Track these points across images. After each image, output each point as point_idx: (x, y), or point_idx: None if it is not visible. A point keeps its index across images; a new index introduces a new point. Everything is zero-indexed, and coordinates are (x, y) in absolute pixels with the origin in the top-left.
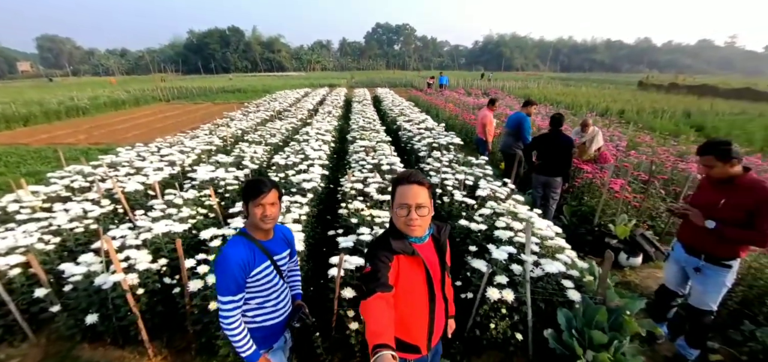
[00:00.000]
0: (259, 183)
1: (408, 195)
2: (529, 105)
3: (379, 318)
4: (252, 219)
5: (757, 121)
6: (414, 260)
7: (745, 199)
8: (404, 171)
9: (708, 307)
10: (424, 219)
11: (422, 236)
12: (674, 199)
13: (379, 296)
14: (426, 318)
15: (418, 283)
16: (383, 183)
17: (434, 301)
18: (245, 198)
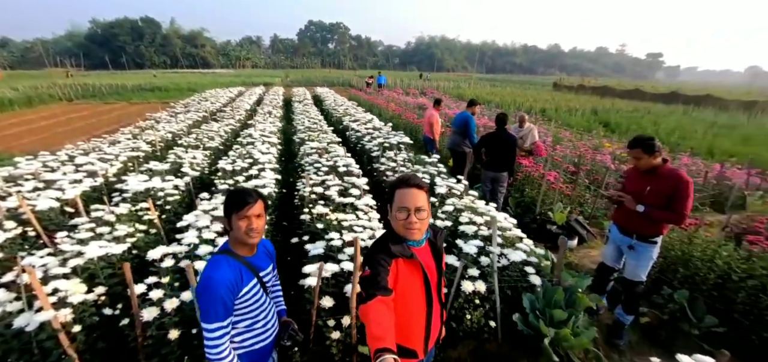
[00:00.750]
0: (243, 193)
1: (407, 198)
2: (474, 105)
3: (380, 322)
4: (236, 234)
5: (647, 117)
6: (412, 264)
7: (665, 186)
8: (403, 174)
9: (640, 278)
10: (423, 222)
11: (421, 239)
12: (597, 188)
13: (380, 300)
14: (423, 322)
15: (416, 287)
16: (343, 185)
17: (431, 305)
18: (227, 211)
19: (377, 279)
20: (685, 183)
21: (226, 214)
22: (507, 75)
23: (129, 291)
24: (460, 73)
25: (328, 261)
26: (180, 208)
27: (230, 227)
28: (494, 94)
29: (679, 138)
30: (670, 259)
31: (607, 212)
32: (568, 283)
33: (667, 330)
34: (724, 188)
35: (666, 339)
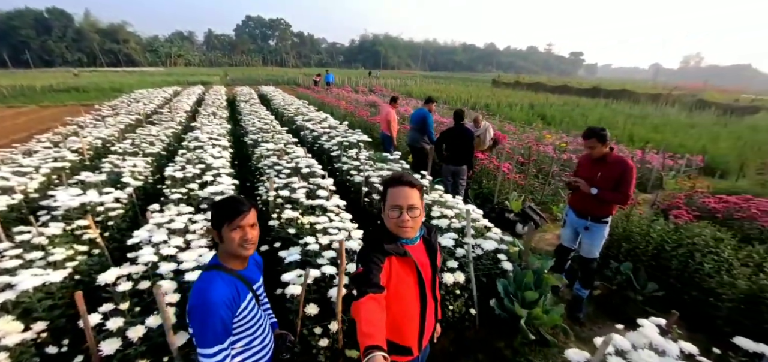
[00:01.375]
0: (235, 202)
1: (400, 196)
2: (431, 102)
3: (371, 320)
4: (228, 247)
5: (576, 110)
6: (405, 261)
7: (614, 171)
8: (396, 172)
9: (594, 256)
10: (415, 220)
11: (414, 237)
12: (545, 176)
13: (371, 297)
14: (417, 319)
15: (410, 285)
16: (309, 187)
17: (425, 303)
18: (217, 222)
19: (369, 277)
20: (630, 168)
21: (215, 226)
22: (449, 72)
23: (81, 323)
24: (405, 71)
25: (307, 267)
26: (124, 224)
27: (221, 239)
28: (440, 90)
29: (606, 125)
30: (615, 236)
31: (554, 198)
32: (535, 266)
33: (616, 299)
34: (644, 170)
35: (617, 307)
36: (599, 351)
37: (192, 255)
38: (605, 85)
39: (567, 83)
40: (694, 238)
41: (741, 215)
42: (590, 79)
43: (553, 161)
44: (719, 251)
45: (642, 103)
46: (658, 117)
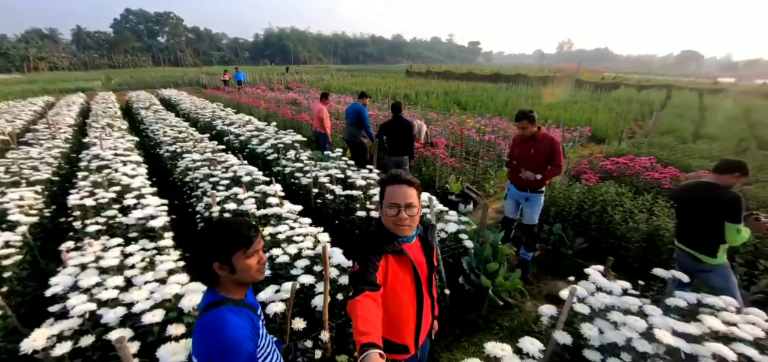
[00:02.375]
0: (244, 226)
1: (398, 195)
2: (364, 97)
3: (367, 317)
4: (243, 276)
5: (484, 94)
6: (402, 259)
7: (544, 147)
8: (393, 171)
9: (535, 222)
10: (413, 219)
11: (411, 235)
12: (474, 158)
13: (367, 295)
14: (413, 317)
15: (406, 283)
16: (256, 195)
17: (422, 301)
18: (228, 251)
19: (365, 275)
20: (557, 143)
21: (221, 257)
22: (362, 65)
23: None
24: (317, 66)
25: (281, 280)
26: (24, 272)
27: (232, 270)
28: (357, 83)
29: (511, 108)
30: (545, 203)
31: (485, 176)
32: (491, 240)
33: (552, 257)
34: None
35: (554, 263)
36: (567, 301)
37: (142, 294)
38: (504, 71)
39: (472, 70)
40: (603, 196)
41: (629, 172)
42: (488, 65)
43: (479, 143)
44: (623, 203)
45: (535, 85)
46: (550, 96)
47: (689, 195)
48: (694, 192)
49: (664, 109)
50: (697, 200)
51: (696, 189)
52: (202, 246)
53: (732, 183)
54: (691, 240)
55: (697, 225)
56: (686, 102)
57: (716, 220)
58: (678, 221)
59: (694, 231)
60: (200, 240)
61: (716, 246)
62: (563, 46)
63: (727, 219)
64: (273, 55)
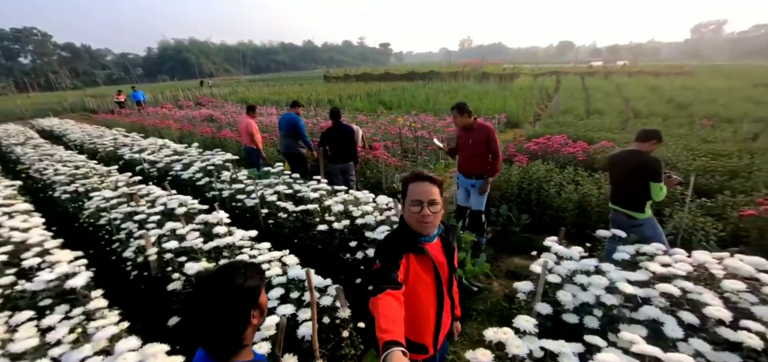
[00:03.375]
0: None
1: (421, 192)
2: (297, 106)
3: (389, 315)
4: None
5: (405, 93)
6: (423, 259)
7: (482, 135)
8: (416, 170)
9: (483, 208)
10: (436, 216)
11: (433, 233)
12: (413, 154)
13: (389, 293)
14: (433, 317)
15: (427, 283)
16: (198, 227)
17: (442, 301)
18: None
19: (387, 273)
20: (492, 130)
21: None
22: (275, 73)
23: None
24: (226, 77)
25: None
26: None
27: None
28: (275, 93)
29: (433, 104)
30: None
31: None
32: None
33: (503, 236)
34: None
35: (505, 241)
36: (541, 275)
37: None
38: (418, 70)
39: (388, 70)
40: (536, 174)
41: (550, 150)
42: (403, 65)
43: (415, 140)
44: (553, 178)
45: (448, 81)
46: (463, 89)
47: (619, 162)
48: (623, 160)
49: (557, 93)
50: (626, 166)
51: (624, 157)
52: (234, 298)
53: (651, 149)
54: (623, 201)
55: (628, 187)
56: (572, 85)
57: (643, 181)
58: (612, 186)
59: (626, 192)
60: (229, 293)
61: (644, 203)
62: (464, 42)
63: (652, 180)
64: (171, 70)
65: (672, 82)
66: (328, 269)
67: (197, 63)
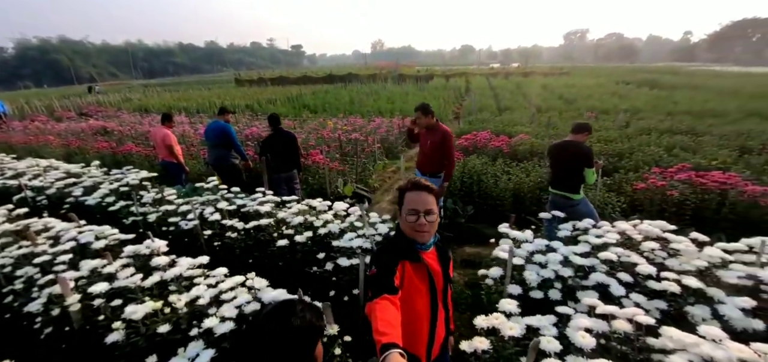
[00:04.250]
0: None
1: (417, 201)
2: (226, 113)
3: (386, 318)
4: None
5: (327, 95)
6: (419, 267)
7: (438, 137)
8: (412, 178)
9: (440, 205)
10: (432, 225)
11: (429, 243)
12: (352, 157)
13: (386, 297)
14: (426, 327)
15: (421, 291)
16: (129, 261)
17: (436, 310)
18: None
19: (383, 279)
20: (449, 133)
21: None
22: (175, 77)
23: None
24: (113, 82)
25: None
26: None
27: None
28: (180, 99)
29: (358, 106)
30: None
31: (364, 174)
32: None
33: (451, 228)
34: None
35: (454, 233)
36: (508, 261)
37: None
38: (336, 72)
39: (306, 73)
40: (474, 168)
41: (479, 145)
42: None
43: (354, 143)
44: (488, 170)
45: (367, 83)
46: (384, 91)
47: (559, 152)
48: (562, 150)
49: (469, 92)
50: (565, 155)
51: (563, 147)
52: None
53: (584, 139)
54: (562, 184)
55: (567, 172)
56: (480, 85)
57: (579, 167)
58: (552, 173)
59: (565, 177)
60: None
61: (579, 186)
62: (376, 45)
63: (586, 166)
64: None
65: (557, 81)
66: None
67: (72, 66)
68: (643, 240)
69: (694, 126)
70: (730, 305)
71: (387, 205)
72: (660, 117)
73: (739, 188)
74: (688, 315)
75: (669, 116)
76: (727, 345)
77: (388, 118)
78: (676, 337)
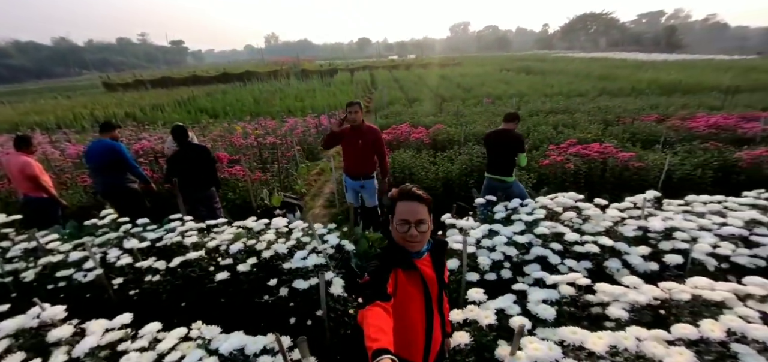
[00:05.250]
0: None
1: (408, 211)
2: (112, 129)
3: (376, 324)
4: None
5: (226, 96)
6: (412, 274)
7: (370, 137)
8: (404, 186)
9: (376, 203)
10: (423, 234)
11: (421, 250)
12: (272, 164)
13: (378, 304)
14: (422, 334)
15: (415, 298)
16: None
17: (432, 317)
18: None
19: (375, 285)
20: (380, 132)
21: None
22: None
23: None
24: None
25: None
26: None
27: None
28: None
29: (263, 105)
30: None
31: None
32: (359, 234)
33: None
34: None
35: None
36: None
37: None
38: (230, 70)
39: (196, 72)
40: (404, 161)
41: (402, 138)
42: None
43: (271, 148)
44: (417, 163)
45: (267, 81)
46: (289, 88)
47: (495, 140)
48: (498, 137)
49: (376, 86)
50: (501, 142)
51: (498, 134)
52: None
53: (515, 127)
54: (498, 169)
55: (502, 158)
56: (384, 77)
57: (513, 153)
58: (489, 159)
59: (500, 162)
60: None
61: (513, 169)
62: (270, 39)
63: (519, 151)
64: None
65: (453, 71)
66: (249, 323)
67: None
68: (564, 212)
69: (567, 105)
70: (633, 254)
71: (321, 211)
72: (542, 99)
73: (613, 156)
74: (606, 269)
75: (547, 97)
76: (643, 289)
77: (301, 118)
78: (608, 291)
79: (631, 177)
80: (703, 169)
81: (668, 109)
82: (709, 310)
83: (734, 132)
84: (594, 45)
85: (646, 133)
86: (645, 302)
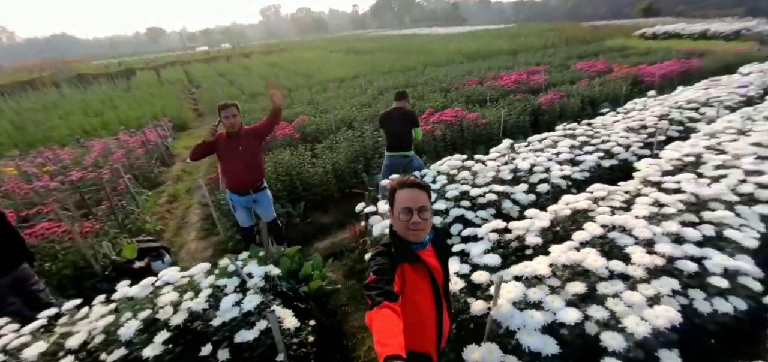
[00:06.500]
0: None
1: (410, 199)
2: None
3: (386, 329)
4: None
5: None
6: (418, 267)
7: (253, 139)
8: (402, 176)
9: (274, 215)
10: (427, 222)
11: (424, 241)
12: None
13: (386, 305)
14: (433, 324)
15: (424, 290)
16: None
17: (441, 306)
18: None
19: (382, 286)
20: (257, 126)
21: None
22: None
23: None
24: None
25: None
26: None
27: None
28: None
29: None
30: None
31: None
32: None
33: (294, 231)
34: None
35: (298, 234)
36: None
37: None
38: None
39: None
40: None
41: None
42: None
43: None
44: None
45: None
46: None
47: (391, 119)
48: (393, 116)
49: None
50: (396, 120)
51: (392, 113)
52: None
53: (404, 104)
54: (400, 145)
55: (400, 134)
56: (205, 73)
57: (409, 127)
58: (388, 138)
59: (401, 138)
60: None
61: (411, 144)
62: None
63: (414, 125)
64: None
65: (282, 58)
66: None
67: None
68: (459, 173)
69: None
70: (518, 193)
71: (198, 244)
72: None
73: (465, 118)
74: (504, 209)
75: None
76: (541, 215)
77: (112, 137)
78: (521, 225)
79: (482, 132)
80: (522, 116)
81: (480, 72)
82: (583, 216)
83: (528, 84)
84: (400, 22)
85: (476, 94)
86: (546, 225)
